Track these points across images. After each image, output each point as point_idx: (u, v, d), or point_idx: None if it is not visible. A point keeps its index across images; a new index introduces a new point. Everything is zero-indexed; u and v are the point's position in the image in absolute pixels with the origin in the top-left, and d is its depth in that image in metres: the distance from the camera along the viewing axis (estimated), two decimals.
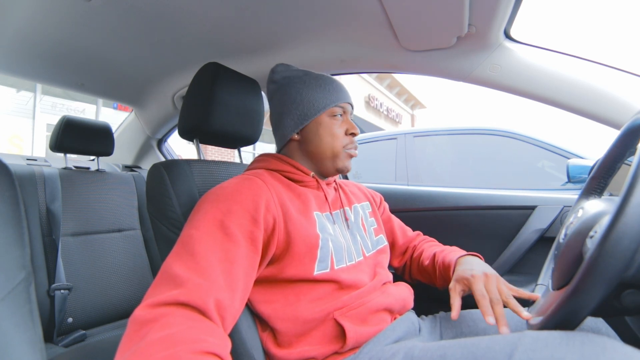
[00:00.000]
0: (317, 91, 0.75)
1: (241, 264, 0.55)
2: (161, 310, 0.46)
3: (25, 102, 6.17)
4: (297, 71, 0.80)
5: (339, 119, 0.76)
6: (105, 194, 1.35)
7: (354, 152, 0.77)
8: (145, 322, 0.44)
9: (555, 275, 0.55)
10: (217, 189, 0.64)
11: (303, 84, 0.76)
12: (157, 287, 0.50)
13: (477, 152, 2.29)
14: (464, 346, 0.49)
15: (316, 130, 0.75)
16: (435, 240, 0.94)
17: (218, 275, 0.51)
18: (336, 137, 0.75)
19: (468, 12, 0.77)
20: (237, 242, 0.56)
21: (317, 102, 0.75)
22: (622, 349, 0.39)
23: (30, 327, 0.42)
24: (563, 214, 1.06)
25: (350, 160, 0.78)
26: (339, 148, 0.75)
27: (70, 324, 1.12)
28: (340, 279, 0.66)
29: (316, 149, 0.75)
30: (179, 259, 0.52)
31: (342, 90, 0.78)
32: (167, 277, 0.50)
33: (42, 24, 0.96)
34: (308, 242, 0.64)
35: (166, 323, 0.44)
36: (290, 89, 0.77)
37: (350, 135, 0.76)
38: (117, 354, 0.43)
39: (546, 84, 0.86)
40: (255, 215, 0.59)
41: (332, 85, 0.77)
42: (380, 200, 0.96)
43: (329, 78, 0.79)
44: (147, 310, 0.46)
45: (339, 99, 0.76)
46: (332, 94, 0.76)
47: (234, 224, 0.57)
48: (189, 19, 0.95)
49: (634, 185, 0.38)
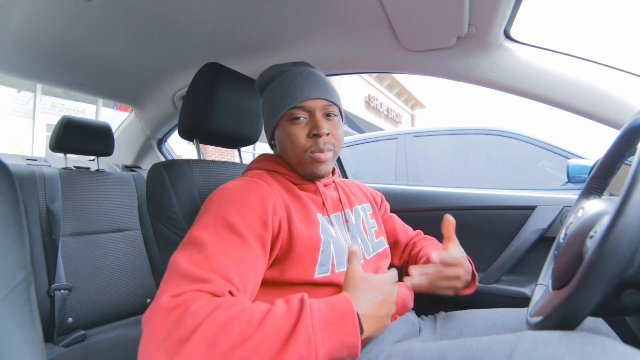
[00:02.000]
0: (277, 95, 0.71)
1: (252, 266, 0.55)
2: (187, 296, 0.45)
3: (25, 102, 6.17)
4: (275, 73, 0.75)
5: (301, 121, 0.69)
6: (105, 194, 1.35)
7: (318, 156, 0.69)
8: (172, 308, 0.44)
9: (555, 275, 0.55)
10: (223, 190, 0.63)
11: (271, 88, 0.74)
12: (172, 281, 0.48)
13: (477, 152, 2.29)
14: (464, 346, 0.49)
15: (280, 137, 0.72)
16: (435, 239, 0.94)
17: (234, 276, 0.51)
18: (296, 144, 0.68)
19: (468, 12, 0.77)
20: (250, 244, 0.56)
21: (276, 106, 0.71)
22: (622, 349, 0.39)
23: (30, 327, 0.42)
24: (563, 214, 1.06)
25: (323, 165, 0.70)
26: (300, 153, 0.69)
27: (70, 324, 1.12)
28: (341, 283, 0.65)
29: (284, 155, 0.73)
30: (193, 259, 0.51)
31: (303, 88, 0.69)
32: (182, 274, 0.49)
33: (43, 24, 0.96)
34: (309, 245, 0.63)
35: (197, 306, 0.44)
36: (265, 95, 0.76)
37: (315, 137, 0.68)
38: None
39: (546, 84, 0.86)
40: (265, 218, 0.59)
41: (293, 84, 0.70)
42: (382, 200, 0.96)
43: (294, 75, 0.71)
44: (171, 299, 0.45)
45: (295, 99, 0.68)
46: (289, 95, 0.69)
47: (245, 227, 0.56)
48: (189, 19, 0.95)
49: (634, 185, 0.38)
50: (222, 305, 0.45)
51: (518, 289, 1.04)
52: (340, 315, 0.47)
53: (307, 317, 0.45)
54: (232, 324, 0.43)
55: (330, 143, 0.70)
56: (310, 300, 0.48)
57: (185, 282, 0.47)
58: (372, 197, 0.92)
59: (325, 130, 0.68)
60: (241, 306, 0.46)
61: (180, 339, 0.41)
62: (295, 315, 0.45)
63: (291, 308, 0.47)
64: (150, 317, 0.44)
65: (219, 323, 0.42)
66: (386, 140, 2.47)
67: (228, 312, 0.44)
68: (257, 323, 0.43)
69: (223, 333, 0.42)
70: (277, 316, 0.45)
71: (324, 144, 0.68)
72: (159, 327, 0.43)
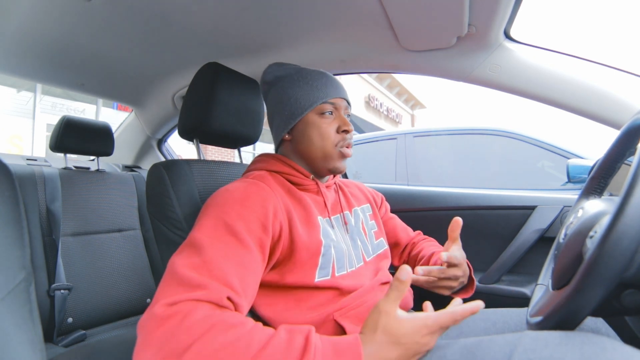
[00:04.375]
0: (304, 89, 0.72)
1: (252, 270, 0.55)
2: (182, 306, 0.44)
3: (25, 102, 6.17)
4: (289, 69, 0.77)
5: (329, 116, 0.72)
6: (105, 194, 1.35)
7: (346, 151, 0.72)
8: (166, 318, 0.43)
9: (555, 275, 0.55)
10: (224, 192, 0.62)
11: (291, 82, 0.74)
12: (168, 288, 0.48)
13: (477, 152, 2.28)
14: (464, 346, 0.49)
15: (305, 130, 0.72)
16: (434, 240, 0.94)
17: (234, 280, 0.50)
18: (326, 137, 0.71)
19: (468, 12, 0.77)
20: (249, 248, 0.55)
21: (303, 100, 0.71)
22: (622, 349, 0.39)
23: (30, 327, 0.42)
24: (563, 214, 1.06)
25: (345, 161, 0.73)
26: (330, 148, 0.71)
27: (70, 324, 1.12)
28: (341, 286, 0.65)
29: (306, 149, 0.72)
30: (191, 262, 0.50)
31: (332, 86, 0.73)
32: (179, 280, 0.48)
33: (43, 24, 0.96)
34: (311, 249, 0.63)
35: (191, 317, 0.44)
36: (279, 88, 0.75)
37: (343, 133, 0.72)
38: None
39: (546, 84, 0.86)
40: (265, 222, 0.59)
41: (322, 80, 0.73)
42: (382, 201, 0.95)
43: (319, 73, 0.74)
44: (165, 308, 0.44)
45: (327, 95, 0.71)
46: (320, 90, 0.71)
47: (246, 230, 0.56)
48: (189, 19, 0.95)
49: (634, 185, 0.38)
50: (219, 325, 0.43)
51: (518, 289, 1.04)
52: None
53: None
54: (226, 350, 0.41)
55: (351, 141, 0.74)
56: (316, 342, 0.44)
57: (181, 289, 0.47)
58: (372, 197, 0.92)
59: (352, 127, 0.73)
60: (240, 330, 0.44)
61: (172, 353, 0.41)
62: (296, 356, 0.43)
63: (293, 345, 0.44)
64: (145, 324, 0.44)
65: (213, 347, 0.41)
66: (386, 140, 2.46)
67: (224, 335, 0.42)
68: (253, 354, 0.42)
69: (216, 358, 0.41)
70: (276, 349, 0.43)
71: (350, 140, 0.73)
72: (152, 336, 0.42)
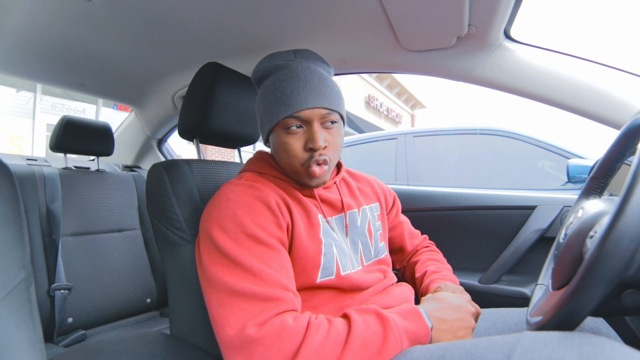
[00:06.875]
0: (271, 99, 0.64)
1: (289, 267, 0.59)
2: (273, 321, 0.50)
3: (25, 102, 6.17)
4: (272, 67, 0.67)
5: (297, 131, 0.63)
6: (105, 194, 1.35)
7: (314, 171, 0.64)
8: (266, 337, 0.48)
9: (555, 275, 0.55)
10: (225, 202, 0.60)
11: (265, 89, 0.66)
12: (238, 306, 0.51)
13: (477, 152, 2.28)
14: (463, 347, 0.49)
15: (274, 143, 0.67)
16: (435, 250, 0.92)
17: (287, 283, 0.55)
18: (292, 155, 0.63)
19: (468, 12, 0.77)
20: (277, 249, 0.58)
21: (269, 112, 0.64)
22: (622, 349, 0.39)
23: (30, 327, 0.42)
24: (563, 214, 1.06)
25: (318, 179, 0.66)
26: (297, 165, 0.64)
27: (70, 324, 1.12)
28: (343, 286, 0.65)
29: (278, 161, 0.69)
30: (241, 277, 0.53)
31: (300, 96, 0.61)
32: (244, 296, 0.52)
33: (43, 24, 0.96)
34: (312, 248, 0.63)
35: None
36: (260, 92, 0.69)
37: (310, 151, 0.63)
38: None
39: (546, 84, 0.86)
40: (278, 221, 0.60)
41: (289, 88, 0.62)
42: (394, 201, 0.90)
43: (290, 79, 0.63)
44: (258, 329, 0.49)
45: (290, 107, 0.61)
46: (283, 103, 0.62)
47: (267, 234, 0.58)
48: (189, 19, 0.95)
49: (634, 185, 0.38)
50: (309, 327, 0.50)
51: (518, 289, 1.04)
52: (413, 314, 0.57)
53: (393, 327, 0.53)
54: (326, 345, 0.49)
55: (327, 155, 0.64)
56: (387, 314, 0.55)
57: (254, 306, 0.51)
58: (384, 196, 0.87)
59: (322, 143, 0.62)
60: (323, 324, 0.51)
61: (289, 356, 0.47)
62: (378, 329, 0.52)
63: (369, 323, 0.53)
64: (247, 351, 0.48)
65: (314, 346, 0.48)
66: (386, 140, 2.46)
67: (317, 333, 0.50)
68: (344, 341, 0.50)
69: (320, 355, 0.48)
70: (360, 330, 0.51)
71: (320, 157, 0.63)
72: (269, 356, 0.47)
